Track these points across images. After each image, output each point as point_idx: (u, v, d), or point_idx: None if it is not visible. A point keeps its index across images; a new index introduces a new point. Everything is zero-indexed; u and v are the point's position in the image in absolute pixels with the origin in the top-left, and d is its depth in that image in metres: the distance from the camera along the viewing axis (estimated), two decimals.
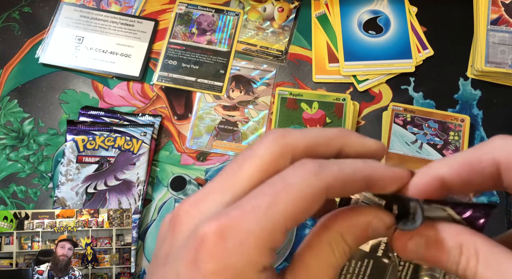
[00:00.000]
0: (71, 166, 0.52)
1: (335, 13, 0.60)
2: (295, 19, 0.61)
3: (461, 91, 0.56)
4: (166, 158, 0.55)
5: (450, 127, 0.53)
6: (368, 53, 0.57)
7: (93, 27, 0.60)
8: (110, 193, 0.52)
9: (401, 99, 0.56)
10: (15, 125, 0.56)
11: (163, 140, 0.56)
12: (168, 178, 0.54)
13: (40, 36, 0.60)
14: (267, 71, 0.58)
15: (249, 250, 0.17)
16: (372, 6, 0.60)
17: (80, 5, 0.61)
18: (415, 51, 0.57)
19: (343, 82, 0.57)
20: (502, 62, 0.54)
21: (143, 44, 0.59)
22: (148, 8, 0.62)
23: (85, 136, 0.53)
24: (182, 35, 0.60)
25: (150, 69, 0.59)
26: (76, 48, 0.59)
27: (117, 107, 0.57)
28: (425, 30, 0.59)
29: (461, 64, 0.57)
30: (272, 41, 0.59)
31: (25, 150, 0.55)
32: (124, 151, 0.53)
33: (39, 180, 0.54)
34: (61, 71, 0.59)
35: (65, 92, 0.58)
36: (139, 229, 0.52)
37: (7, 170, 0.55)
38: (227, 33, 0.60)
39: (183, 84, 0.58)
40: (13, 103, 0.57)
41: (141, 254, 0.51)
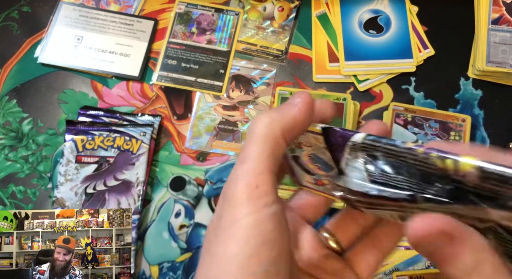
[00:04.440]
0: (70, 166, 0.52)
1: (335, 12, 0.60)
2: (295, 19, 0.60)
3: (462, 91, 0.56)
4: (166, 158, 0.55)
5: (451, 127, 0.52)
6: (369, 53, 0.57)
7: (92, 26, 0.60)
8: (110, 194, 0.51)
9: (402, 99, 0.56)
10: (14, 125, 0.56)
11: (163, 140, 0.55)
12: (167, 178, 0.54)
13: (39, 35, 0.60)
14: (267, 71, 0.58)
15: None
16: (372, 5, 0.60)
17: (80, 5, 0.61)
18: (416, 51, 0.57)
19: (343, 82, 0.57)
20: (503, 61, 0.54)
21: (143, 44, 0.59)
22: (148, 7, 0.62)
23: (84, 136, 0.53)
24: (182, 34, 0.60)
25: (149, 68, 0.59)
26: (75, 48, 0.59)
27: (116, 107, 0.57)
28: (426, 29, 0.59)
29: (462, 63, 0.57)
30: (272, 41, 0.59)
31: (24, 150, 0.55)
32: (124, 151, 0.53)
33: (38, 180, 0.54)
34: (60, 71, 0.59)
35: (64, 92, 0.58)
36: (139, 230, 0.52)
37: (6, 170, 0.54)
38: (227, 32, 0.60)
39: (183, 84, 0.58)
40: (12, 103, 0.57)
41: (141, 255, 0.51)
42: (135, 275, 0.50)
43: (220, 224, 0.24)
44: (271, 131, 0.25)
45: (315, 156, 0.28)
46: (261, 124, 0.25)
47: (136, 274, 0.50)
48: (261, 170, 0.24)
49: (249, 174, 0.24)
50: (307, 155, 0.28)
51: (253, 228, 0.23)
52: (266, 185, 0.24)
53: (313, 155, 0.28)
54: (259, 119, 0.25)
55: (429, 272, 0.46)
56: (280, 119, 0.25)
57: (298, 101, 0.26)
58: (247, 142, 0.25)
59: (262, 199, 0.23)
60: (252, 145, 0.25)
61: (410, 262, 0.47)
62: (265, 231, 0.23)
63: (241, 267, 0.22)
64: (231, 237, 0.23)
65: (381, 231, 0.30)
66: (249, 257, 0.22)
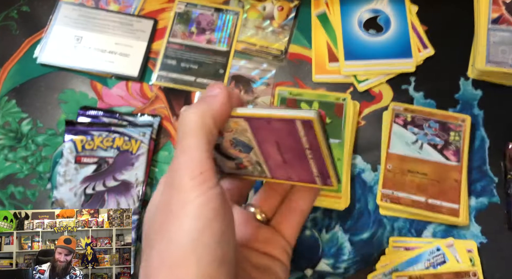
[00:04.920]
0: (70, 166, 0.52)
1: (335, 12, 0.60)
2: (295, 18, 0.60)
3: (461, 91, 0.56)
4: (165, 159, 0.55)
5: (451, 127, 0.52)
6: (369, 52, 0.57)
7: (91, 26, 0.60)
8: (109, 194, 0.51)
9: (401, 99, 0.56)
10: (13, 126, 0.56)
11: (162, 141, 0.55)
12: None
13: (38, 35, 0.60)
14: (267, 71, 0.58)
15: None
16: (372, 5, 0.60)
17: (79, 4, 0.61)
18: (416, 51, 0.57)
19: (343, 82, 0.57)
20: (503, 61, 0.54)
21: (142, 44, 0.59)
22: (147, 7, 0.61)
23: (84, 136, 0.53)
24: (181, 34, 0.60)
25: (149, 68, 0.59)
26: (74, 48, 0.59)
27: (116, 107, 0.57)
28: (425, 29, 0.58)
29: (462, 63, 0.57)
30: (271, 40, 0.59)
31: (23, 151, 0.55)
32: (123, 151, 0.53)
33: (38, 181, 0.54)
34: (60, 71, 0.59)
35: (64, 92, 0.58)
36: (138, 230, 0.52)
37: (5, 171, 0.54)
38: (227, 32, 0.60)
39: (183, 84, 0.58)
40: (11, 103, 0.57)
41: (140, 255, 0.51)
42: (135, 275, 0.50)
43: (169, 208, 0.26)
44: (204, 122, 0.27)
45: (236, 140, 0.31)
46: (194, 117, 0.27)
47: (136, 274, 0.50)
48: (202, 158, 0.26)
49: (192, 163, 0.26)
50: (228, 141, 0.31)
51: (203, 206, 0.25)
52: (208, 171, 0.26)
53: (234, 140, 0.31)
54: (190, 112, 0.28)
55: (429, 273, 0.46)
56: (209, 110, 0.28)
57: (218, 92, 0.29)
58: (183, 135, 0.27)
59: (207, 183, 0.26)
60: (189, 137, 0.27)
61: (410, 262, 0.47)
62: (214, 207, 0.26)
63: (195, 239, 0.25)
64: (184, 215, 0.25)
65: (296, 195, 0.35)
66: (202, 230, 0.25)
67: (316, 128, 0.27)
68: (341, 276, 0.50)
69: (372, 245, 0.50)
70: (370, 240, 0.50)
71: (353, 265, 0.50)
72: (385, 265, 0.48)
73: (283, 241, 0.34)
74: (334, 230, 0.51)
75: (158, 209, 0.27)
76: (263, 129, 0.29)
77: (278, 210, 0.36)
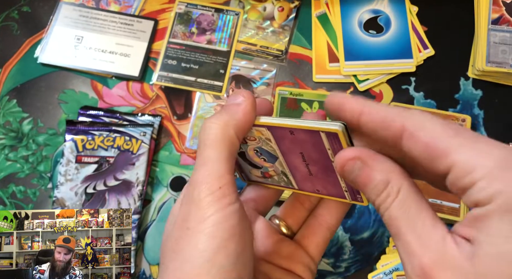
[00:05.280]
0: (70, 166, 0.52)
1: (335, 12, 0.60)
2: (295, 19, 0.60)
3: (462, 91, 0.56)
4: (166, 158, 0.55)
5: None
6: (369, 53, 0.57)
7: (92, 26, 0.60)
8: (110, 194, 0.51)
9: (401, 99, 0.56)
10: (14, 125, 0.56)
11: (163, 140, 0.55)
12: (167, 178, 0.54)
13: (39, 35, 0.60)
14: (267, 71, 0.58)
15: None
16: (372, 5, 0.60)
17: (80, 5, 0.61)
18: (416, 51, 0.57)
19: (343, 82, 0.57)
20: (503, 61, 0.54)
21: (143, 44, 0.59)
22: (148, 7, 0.62)
23: (84, 136, 0.53)
24: (182, 34, 0.60)
25: (149, 68, 0.59)
26: (75, 48, 0.59)
27: (116, 107, 0.57)
28: (425, 29, 0.59)
29: (462, 63, 0.57)
30: (272, 41, 0.59)
31: (24, 150, 0.55)
32: (124, 151, 0.53)
33: (38, 180, 0.54)
34: (60, 71, 0.59)
35: (64, 92, 0.58)
36: (139, 230, 0.52)
37: (6, 170, 0.54)
38: (227, 32, 0.60)
39: (183, 84, 0.58)
40: (12, 103, 0.57)
41: (141, 255, 0.51)
42: (135, 275, 0.50)
43: (187, 224, 0.25)
44: (227, 133, 0.26)
45: (260, 149, 0.30)
46: (216, 128, 0.26)
47: (136, 274, 0.50)
48: (222, 172, 0.25)
49: (212, 177, 0.25)
50: (252, 150, 0.30)
51: (219, 224, 0.24)
52: (228, 185, 0.25)
53: (258, 149, 0.30)
54: (212, 123, 0.27)
55: None
56: (231, 120, 0.27)
57: (241, 100, 0.27)
58: (204, 146, 0.26)
59: (226, 199, 0.25)
60: (210, 149, 0.26)
61: None
62: (230, 226, 0.24)
63: (210, 260, 0.24)
64: (199, 232, 0.24)
65: (324, 209, 0.33)
66: (217, 251, 0.24)
67: (342, 141, 0.25)
68: (341, 275, 0.50)
69: (373, 244, 0.50)
70: (371, 240, 0.50)
71: (354, 265, 0.50)
72: (385, 264, 0.48)
73: (307, 258, 0.32)
74: None
75: (177, 223, 0.27)
76: (287, 139, 0.28)
77: (304, 224, 0.34)
